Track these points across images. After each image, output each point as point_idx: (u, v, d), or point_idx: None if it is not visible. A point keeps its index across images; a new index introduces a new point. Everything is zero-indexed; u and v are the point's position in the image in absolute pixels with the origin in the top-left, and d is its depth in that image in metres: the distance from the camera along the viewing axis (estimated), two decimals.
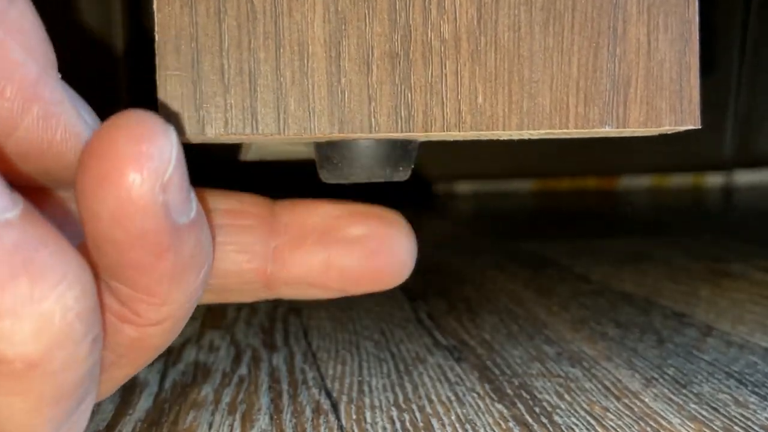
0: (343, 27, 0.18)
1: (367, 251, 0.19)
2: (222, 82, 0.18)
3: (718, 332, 0.35)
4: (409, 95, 0.19)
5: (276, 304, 0.42)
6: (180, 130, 0.18)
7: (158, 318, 0.16)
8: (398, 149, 0.21)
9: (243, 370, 0.31)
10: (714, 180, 1.21)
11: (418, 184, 1.14)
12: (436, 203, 1.04)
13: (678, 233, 0.70)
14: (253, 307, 0.42)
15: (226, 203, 0.19)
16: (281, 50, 0.18)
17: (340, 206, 0.20)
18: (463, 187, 1.16)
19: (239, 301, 0.21)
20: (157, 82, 0.18)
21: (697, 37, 0.20)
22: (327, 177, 0.22)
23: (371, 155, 0.21)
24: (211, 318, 0.39)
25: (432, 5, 0.19)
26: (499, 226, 0.79)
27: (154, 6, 0.18)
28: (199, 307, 0.42)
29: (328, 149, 0.21)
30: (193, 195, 0.15)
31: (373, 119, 0.19)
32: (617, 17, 0.20)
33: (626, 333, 0.35)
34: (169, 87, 0.18)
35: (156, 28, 0.18)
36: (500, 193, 1.15)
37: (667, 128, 0.20)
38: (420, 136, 0.20)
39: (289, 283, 0.20)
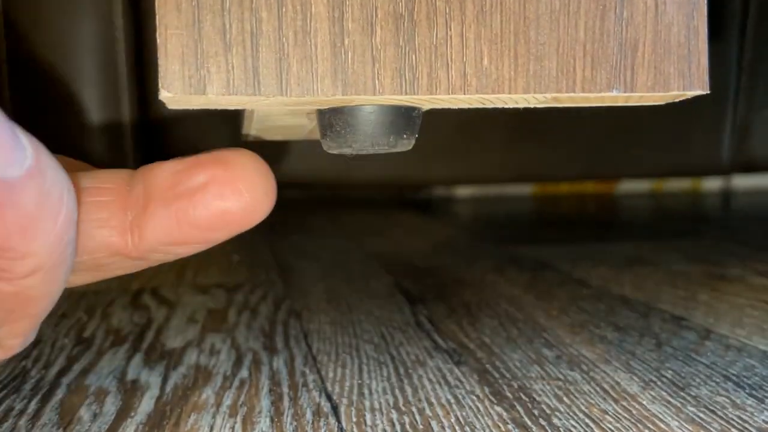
0: None
1: (210, 197, 0.19)
2: (223, 41, 0.18)
3: (717, 335, 0.35)
4: (414, 57, 0.18)
5: (276, 308, 0.42)
6: (181, 89, 0.17)
7: (26, 271, 0.16)
8: (402, 116, 0.21)
9: (244, 373, 0.31)
10: (712, 184, 1.22)
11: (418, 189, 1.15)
12: (436, 207, 1.04)
13: (677, 237, 0.70)
14: (253, 311, 0.42)
15: (82, 181, 0.19)
16: (283, 10, 0.18)
17: (185, 160, 0.19)
18: (463, 192, 1.16)
19: (119, 274, 0.21)
20: (158, 41, 0.17)
21: (705, 1, 0.20)
22: (330, 146, 0.21)
23: (375, 121, 0.20)
24: (211, 321, 0.39)
25: None
26: (498, 231, 0.79)
27: None
28: (200, 311, 0.42)
29: (332, 116, 0.21)
30: (27, 142, 0.15)
31: (376, 81, 0.18)
32: None
33: (625, 336, 0.35)
34: (170, 46, 0.17)
35: None
36: (500, 197, 1.15)
37: (675, 93, 0.20)
38: (424, 100, 0.19)
39: (153, 249, 0.19)
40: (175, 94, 0.17)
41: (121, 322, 0.40)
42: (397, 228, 0.78)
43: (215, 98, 0.18)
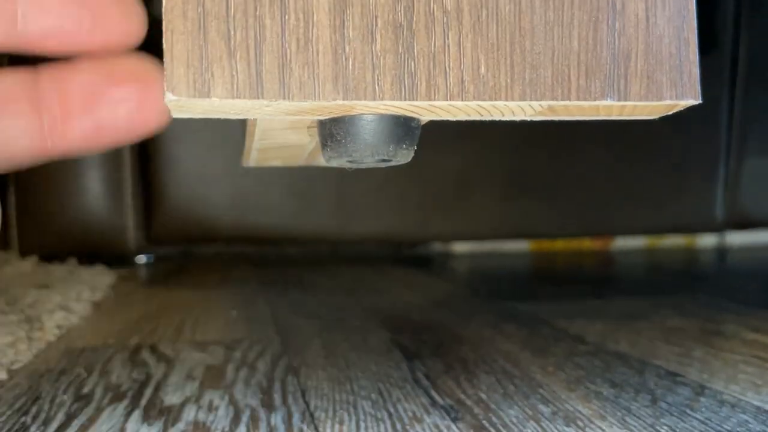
0: None
1: (130, 107, 0.20)
2: (228, 46, 0.18)
3: (711, 391, 0.36)
4: (413, 64, 0.19)
5: (274, 365, 0.43)
6: (186, 91, 0.18)
7: None
8: (401, 125, 0.21)
9: (242, 429, 0.31)
10: (707, 241, 1.22)
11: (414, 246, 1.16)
12: (433, 263, 1.04)
13: (672, 294, 0.71)
14: (251, 367, 0.42)
15: None
16: (286, 17, 0.18)
17: (98, 68, 0.21)
18: (460, 247, 1.17)
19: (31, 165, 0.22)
20: (164, 45, 0.18)
21: (695, 14, 0.20)
22: (331, 156, 0.22)
23: (375, 130, 0.21)
24: (210, 378, 0.40)
25: None
26: (495, 286, 0.80)
27: None
28: (198, 367, 0.42)
29: (332, 126, 0.21)
30: None
31: (377, 86, 0.19)
32: None
33: (620, 392, 0.36)
34: (176, 50, 0.18)
35: None
36: (497, 253, 1.16)
37: (669, 102, 0.20)
38: (424, 108, 0.20)
39: (73, 148, 0.21)
40: (180, 97, 0.18)
41: (120, 378, 0.40)
42: (395, 284, 0.78)
43: (219, 103, 0.18)
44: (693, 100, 0.20)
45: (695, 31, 0.20)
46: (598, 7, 0.20)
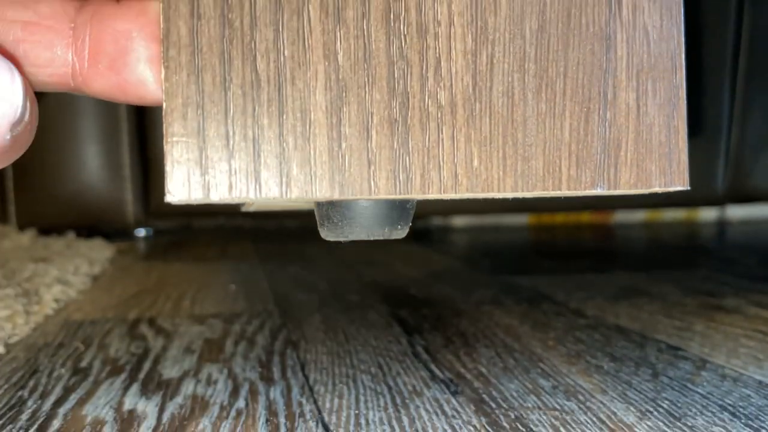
0: (344, 94, 0.19)
1: (155, 72, 0.20)
2: (227, 148, 0.19)
3: (713, 366, 0.35)
4: (407, 159, 0.19)
5: (273, 338, 0.42)
6: (186, 194, 0.19)
7: None
8: (396, 209, 0.22)
9: (241, 403, 0.31)
10: (707, 214, 1.22)
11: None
12: (433, 236, 1.04)
13: (672, 268, 0.70)
14: (250, 341, 0.42)
15: (24, 13, 0.20)
16: (284, 117, 0.19)
17: (139, 14, 0.20)
18: (460, 221, 1.16)
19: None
20: (165, 148, 0.19)
21: (685, 102, 0.21)
22: (327, 234, 0.22)
23: (370, 215, 0.22)
24: (208, 351, 0.39)
25: (429, 73, 0.20)
26: (494, 260, 0.79)
27: (162, 76, 0.19)
28: (197, 341, 0.42)
29: (329, 209, 0.22)
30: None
31: (372, 182, 0.19)
32: (607, 83, 0.20)
33: (621, 366, 0.35)
34: (176, 153, 0.19)
35: (164, 97, 0.19)
36: (496, 226, 1.16)
37: (657, 189, 0.21)
38: (417, 197, 0.20)
39: (93, 94, 0.21)
40: (180, 199, 0.19)
41: (118, 351, 0.40)
42: (395, 258, 0.78)
43: (219, 200, 0.19)
44: (681, 187, 0.21)
45: (685, 119, 0.21)
46: (589, 98, 0.20)
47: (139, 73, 0.20)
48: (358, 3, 0.19)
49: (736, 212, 1.21)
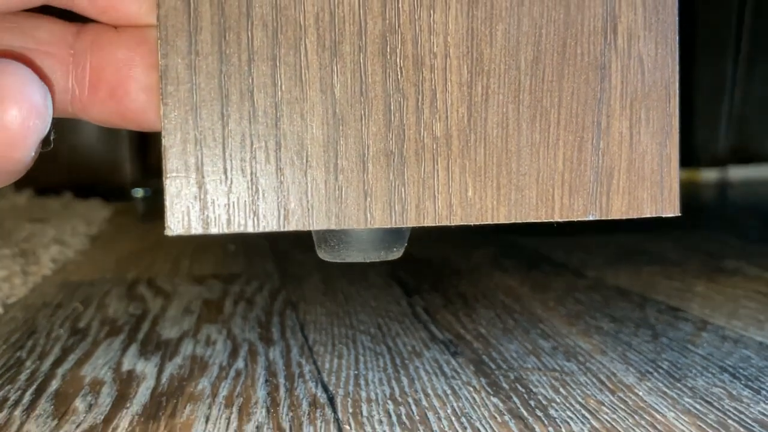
0: (341, 127, 0.19)
1: (156, 100, 0.20)
2: (225, 183, 0.19)
3: (713, 327, 0.35)
4: (403, 190, 0.20)
5: (272, 299, 0.42)
6: (186, 229, 0.19)
7: None
8: (392, 233, 0.22)
9: (240, 363, 0.31)
10: (708, 175, 1.22)
11: None
12: None
13: (672, 228, 0.70)
14: (249, 302, 0.42)
15: (22, 40, 0.20)
16: (281, 151, 0.19)
17: (139, 41, 0.20)
18: None
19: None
20: (164, 184, 0.19)
21: (678, 130, 0.21)
22: (324, 256, 0.23)
23: (367, 240, 0.22)
24: (207, 312, 0.39)
25: (425, 105, 0.20)
26: None
27: (161, 113, 0.19)
28: (195, 301, 0.42)
29: (326, 233, 0.22)
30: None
31: (368, 213, 0.20)
32: (601, 112, 0.20)
33: (621, 327, 0.35)
34: (175, 188, 0.19)
35: (163, 134, 0.19)
36: None
37: (648, 215, 0.21)
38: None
39: (92, 120, 0.21)
40: (179, 234, 0.19)
41: (116, 312, 0.40)
42: None
43: (217, 233, 0.19)
44: (672, 213, 0.21)
45: (677, 147, 0.21)
46: (583, 127, 0.20)
47: (140, 101, 0.20)
48: (355, 37, 0.19)
49: (738, 173, 1.21)
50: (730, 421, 0.24)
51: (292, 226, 0.19)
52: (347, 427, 0.24)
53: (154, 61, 0.20)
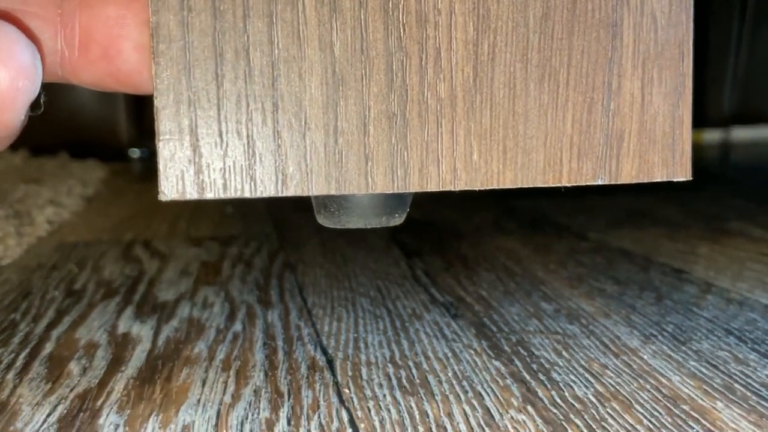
0: (341, 88, 0.19)
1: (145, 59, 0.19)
2: (221, 146, 0.18)
3: (718, 289, 0.35)
4: (405, 154, 0.19)
5: (271, 261, 0.42)
6: (180, 194, 0.18)
7: None
8: (394, 198, 0.22)
9: (237, 326, 0.30)
10: (712, 136, 1.20)
11: None
12: None
13: (676, 190, 0.69)
14: (247, 264, 0.41)
15: (7, 1, 0.19)
16: (279, 112, 0.18)
17: (127, 8, 0.19)
18: None
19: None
20: (157, 147, 0.18)
21: (691, 90, 0.20)
22: (324, 222, 0.22)
23: (368, 205, 0.21)
24: (205, 274, 0.39)
25: (428, 65, 0.19)
26: None
27: (153, 72, 0.18)
28: (193, 263, 0.41)
29: (326, 198, 0.22)
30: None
31: (369, 178, 0.19)
32: (612, 72, 0.20)
33: (625, 290, 0.35)
34: (168, 151, 0.18)
35: (154, 94, 0.18)
36: None
37: (658, 179, 0.21)
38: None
39: (83, 84, 0.20)
40: (173, 198, 0.18)
41: (112, 274, 0.39)
42: None
43: (213, 198, 0.19)
44: (683, 177, 0.21)
45: (690, 108, 0.20)
46: (593, 88, 0.20)
47: (133, 61, 0.19)
48: None
49: (742, 134, 1.19)
50: (736, 385, 0.24)
51: (290, 191, 0.19)
52: (346, 390, 0.24)
53: (148, 17, 0.19)
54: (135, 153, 1.05)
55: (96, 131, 1.00)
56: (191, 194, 0.18)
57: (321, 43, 0.18)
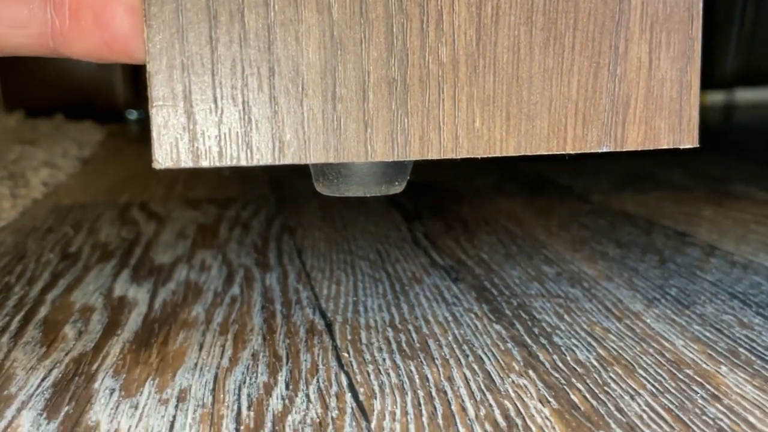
0: (339, 52, 0.18)
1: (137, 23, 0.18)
2: (215, 112, 0.18)
3: (721, 252, 0.34)
4: (406, 121, 0.18)
5: (269, 224, 0.41)
6: (175, 162, 0.18)
7: None
8: (394, 166, 0.21)
9: (235, 289, 0.30)
10: (715, 98, 1.19)
11: None
12: None
13: (679, 152, 0.69)
14: (245, 226, 0.41)
15: None
16: (275, 78, 0.18)
17: None
18: None
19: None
20: (151, 113, 0.17)
21: (700, 55, 0.20)
22: (322, 190, 0.22)
23: (367, 173, 0.21)
24: (202, 237, 0.38)
25: (430, 28, 0.18)
26: None
27: (145, 36, 0.17)
28: (190, 226, 0.41)
29: (324, 166, 0.21)
30: None
31: (369, 146, 0.18)
32: (619, 36, 0.19)
33: (627, 253, 0.34)
34: (162, 118, 0.17)
35: (147, 59, 0.17)
36: None
37: (665, 146, 0.20)
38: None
39: (74, 56, 0.19)
40: (168, 167, 0.18)
41: (108, 236, 0.39)
42: None
43: (209, 166, 0.18)
44: (690, 144, 0.20)
45: (698, 73, 0.20)
46: (600, 52, 0.19)
47: (127, 27, 0.18)
48: None
49: (745, 96, 1.18)
50: (741, 349, 0.23)
51: (287, 159, 0.18)
52: (346, 354, 0.23)
53: None
54: (132, 114, 1.03)
55: (93, 92, 0.99)
56: (186, 162, 0.18)
57: (319, 5, 0.18)
